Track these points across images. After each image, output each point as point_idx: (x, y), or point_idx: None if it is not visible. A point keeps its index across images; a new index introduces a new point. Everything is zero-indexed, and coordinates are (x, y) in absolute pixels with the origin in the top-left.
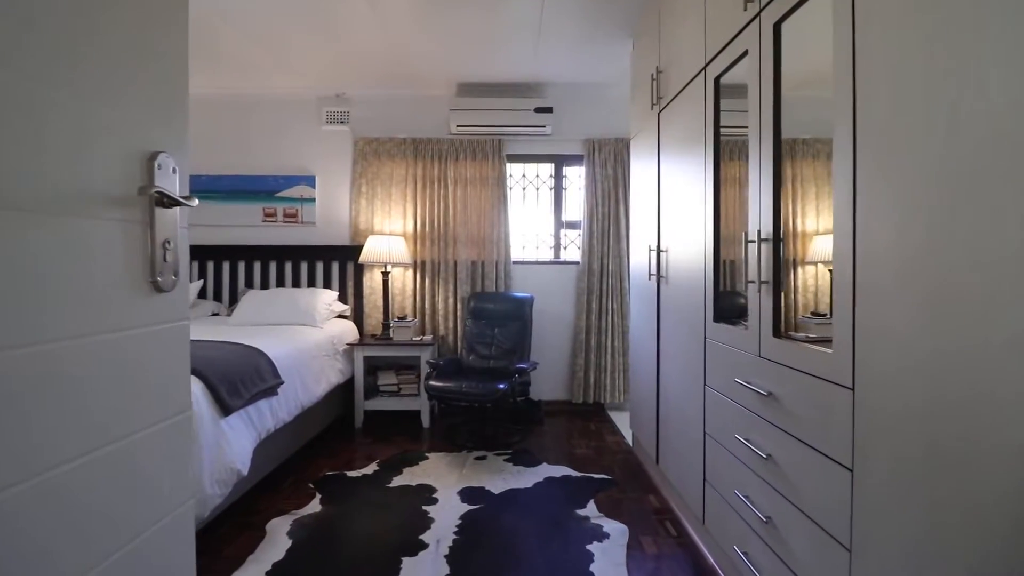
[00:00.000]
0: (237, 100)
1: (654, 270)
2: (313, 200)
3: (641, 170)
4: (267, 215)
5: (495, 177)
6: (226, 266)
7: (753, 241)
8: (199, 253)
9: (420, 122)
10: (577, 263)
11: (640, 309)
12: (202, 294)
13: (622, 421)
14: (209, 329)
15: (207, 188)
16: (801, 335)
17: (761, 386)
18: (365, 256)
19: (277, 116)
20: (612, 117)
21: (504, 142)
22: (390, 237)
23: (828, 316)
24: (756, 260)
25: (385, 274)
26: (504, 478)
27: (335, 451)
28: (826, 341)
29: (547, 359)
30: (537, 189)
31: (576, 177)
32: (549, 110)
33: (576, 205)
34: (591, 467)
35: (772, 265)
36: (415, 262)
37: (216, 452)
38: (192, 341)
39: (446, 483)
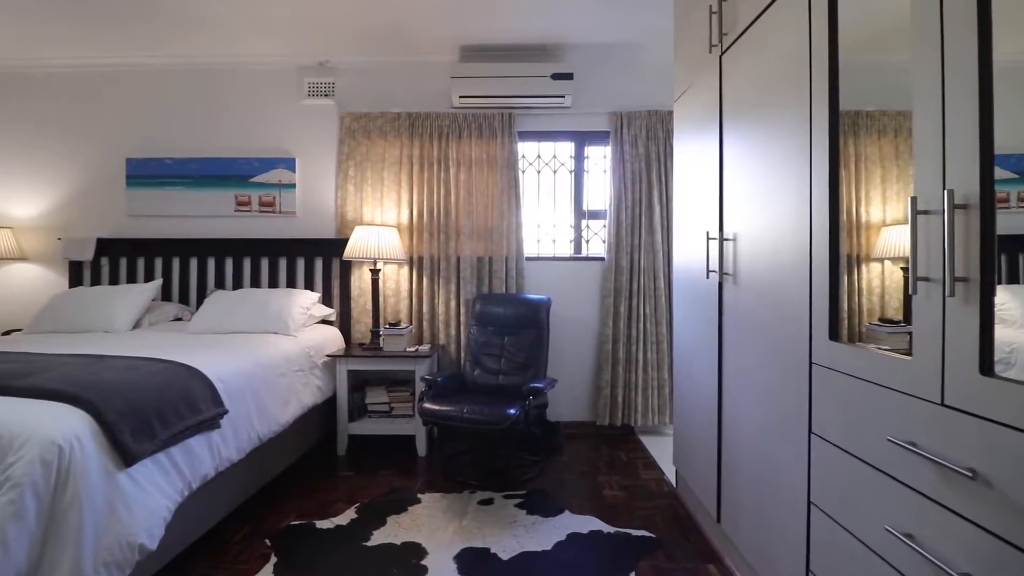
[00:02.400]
0: (206, 71)
1: (715, 265)
2: (293, 186)
3: (690, 139)
4: (240, 204)
5: (505, 158)
6: (194, 263)
7: (929, 212)
8: (162, 248)
9: (417, 94)
10: (602, 259)
11: (689, 315)
12: (166, 295)
13: (658, 449)
14: (151, 339)
15: (173, 173)
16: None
17: (950, 456)
18: (350, 251)
19: (252, 89)
20: (644, 85)
21: (515, 116)
22: (380, 228)
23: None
24: (944, 243)
25: (375, 272)
26: (515, 534)
27: (308, 489)
28: None
29: (567, 373)
30: (554, 172)
31: (600, 158)
32: (569, 76)
33: (600, 191)
34: (626, 518)
35: (980, 253)
36: (411, 258)
37: (107, 520)
38: (96, 357)
39: (439, 540)
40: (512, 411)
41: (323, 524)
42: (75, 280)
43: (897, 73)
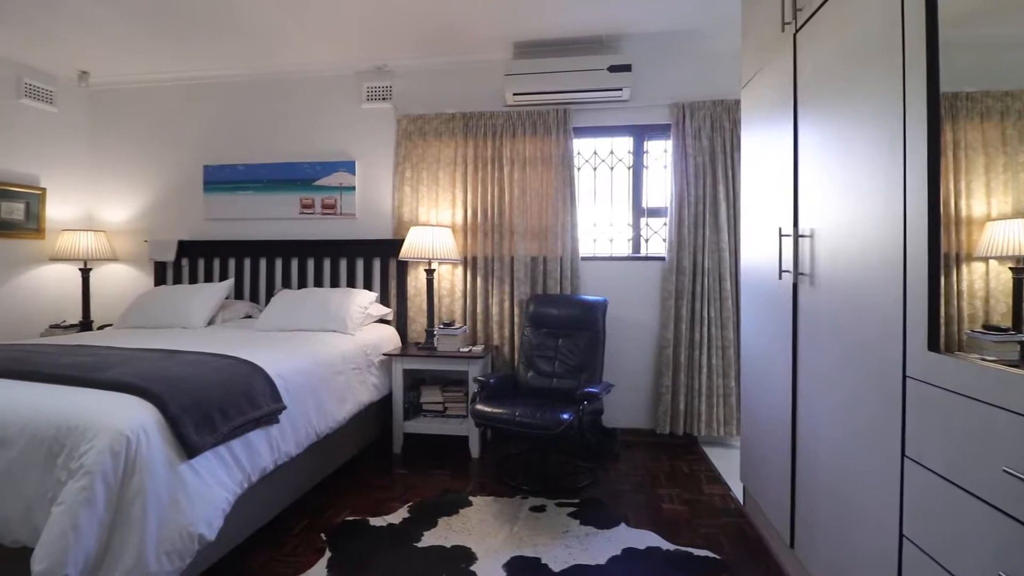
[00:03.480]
0: (273, 81)
1: (788, 265)
2: (353, 189)
3: (760, 128)
4: (305, 206)
5: (560, 155)
6: (263, 263)
7: None
8: (235, 249)
9: (471, 94)
10: (662, 259)
11: (759, 319)
12: (238, 294)
13: (724, 462)
14: (221, 335)
15: (244, 178)
16: None
17: None
18: (406, 251)
19: (315, 96)
20: (708, 74)
21: (571, 112)
22: (435, 229)
23: None
24: None
25: (429, 272)
26: (567, 544)
27: (364, 485)
28: None
29: (624, 377)
30: (611, 168)
31: (661, 152)
32: (627, 68)
33: (661, 187)
34: (688, 535)
35: None
36: (465, 258)
37: (169, 510)
38: (169, 352)
39: (489, 546)
40: (565, 416)
41: (376, 522)
42: (159, 279)
43: (1005, 49)
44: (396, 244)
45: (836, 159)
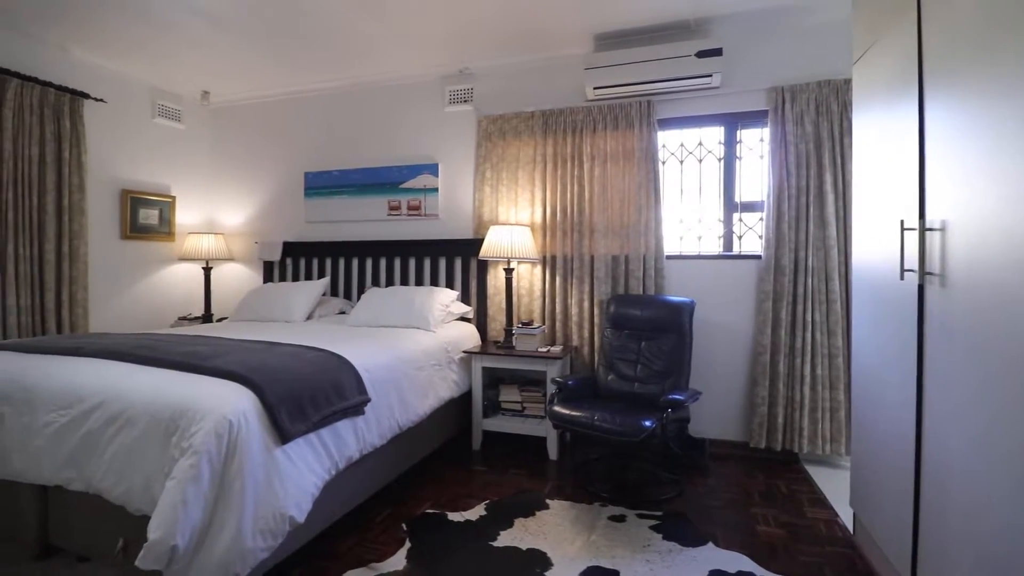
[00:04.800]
0: (363, 90)
1: (912, 263)
2: (436, 190)
3: (876, 107)
4: (392, 208)
5: (643, 149)
6: (355, 262)
7: None
8: (330, 249)
9: (550, 91)
10: (757, 257)
11: (874, 324)
12: (334, 291)
13: (831, 484)
14: (316, 330)
15: (338, 183)
16: None
17: None
18: (485, 250)
19: (401, 102)
20: (811, 53)
21: (655, 104)
22: (513, 228)
23: None
24: None
25: (508, 271)
26: (648, 559)
27: (443, 479)
28: None
29: (713, 384)
30: (700, 161)
31: (756, 142)
32: (717, 52)
33: (756, 179)
34: (786, 562)
35: None
36: (543, 257)
37: (264, 491)
38: (269, 344)
39: (565, 552)
40: (647, 423)
41: (454, 517)
42: (267, 277)
43: None
44: (476, 243)
45: (976, 139)
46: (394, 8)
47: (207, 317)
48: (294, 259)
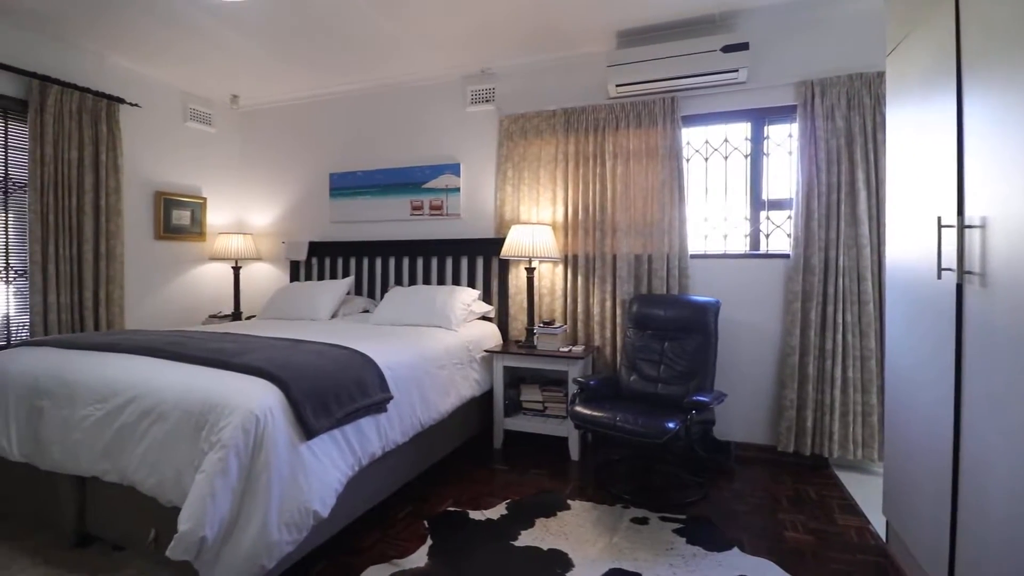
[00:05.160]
0: (385, 91)
1: (950, 262)
2: (457, 190)
3: (911, 100)
4: (414, 208)
5: (667, 146)
6: (378, 262)
7: None
8: (355, 249)
9: (571, 89)
10: (786, 256)
11: (909, 325)
12: (358, 290)
13: (863, 490)
14: (340, 328)
15: (362, 184)
16: None
17: None
18: (506, 250)
19: (423, 103)
20: (841, 45)
21: (679, 100)
22: (535, 227)
23: None
24: None
25: (530, 271)
26: (672, 563)
27: (464, 478)
28: None
29: (740, 386)
30: (725, 158)
31: (784, 138)
32: (743, 47)
33: (784, 176)
34: (815, 570)
35: None
36: (565, 257)
37: (289, 485)
38: (295, 342)
39: (586, 554)
40: (671, 425)
41: (475, 515)
42: (294, 276)
43: None
44: (498, 243)
45: (1018, 133)
46: (415, 9)
47: (236, 315)
48: (319, 259)
